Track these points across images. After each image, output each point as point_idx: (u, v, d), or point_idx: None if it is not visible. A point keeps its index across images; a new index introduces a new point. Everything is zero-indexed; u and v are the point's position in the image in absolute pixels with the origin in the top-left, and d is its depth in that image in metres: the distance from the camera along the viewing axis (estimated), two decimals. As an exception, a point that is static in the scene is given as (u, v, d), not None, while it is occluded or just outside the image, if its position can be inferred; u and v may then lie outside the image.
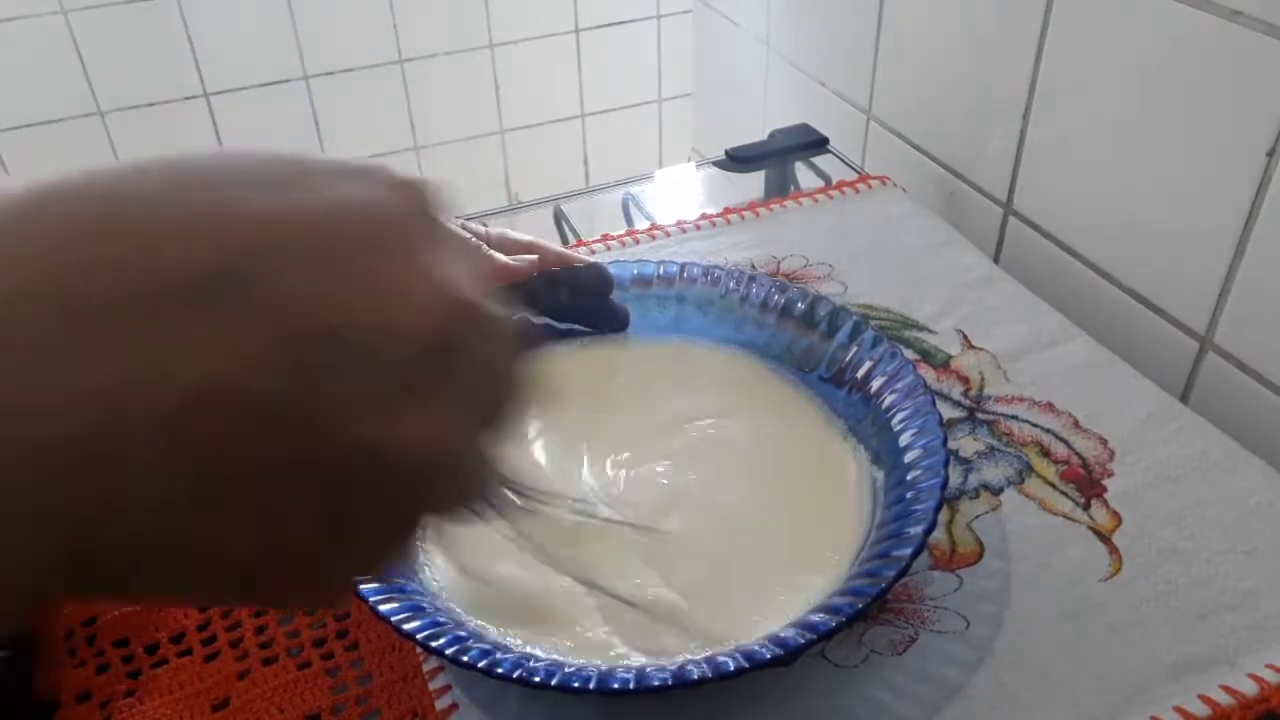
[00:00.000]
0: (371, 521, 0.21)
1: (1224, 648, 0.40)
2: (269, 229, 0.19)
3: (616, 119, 1.27)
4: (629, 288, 0.55)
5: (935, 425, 0.44)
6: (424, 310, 0.20)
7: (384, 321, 0.20)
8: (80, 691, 0.42)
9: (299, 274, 0.19)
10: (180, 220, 0.19)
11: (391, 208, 0.21)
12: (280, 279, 0.19)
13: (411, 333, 0.20)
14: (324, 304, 0.19)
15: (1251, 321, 0.55)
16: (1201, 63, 0.54)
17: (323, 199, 0.20)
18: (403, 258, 0.21)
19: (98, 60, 1.02)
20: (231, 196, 0.19)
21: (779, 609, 0.40)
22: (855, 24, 0.84)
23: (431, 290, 0.21)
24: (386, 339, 0.20)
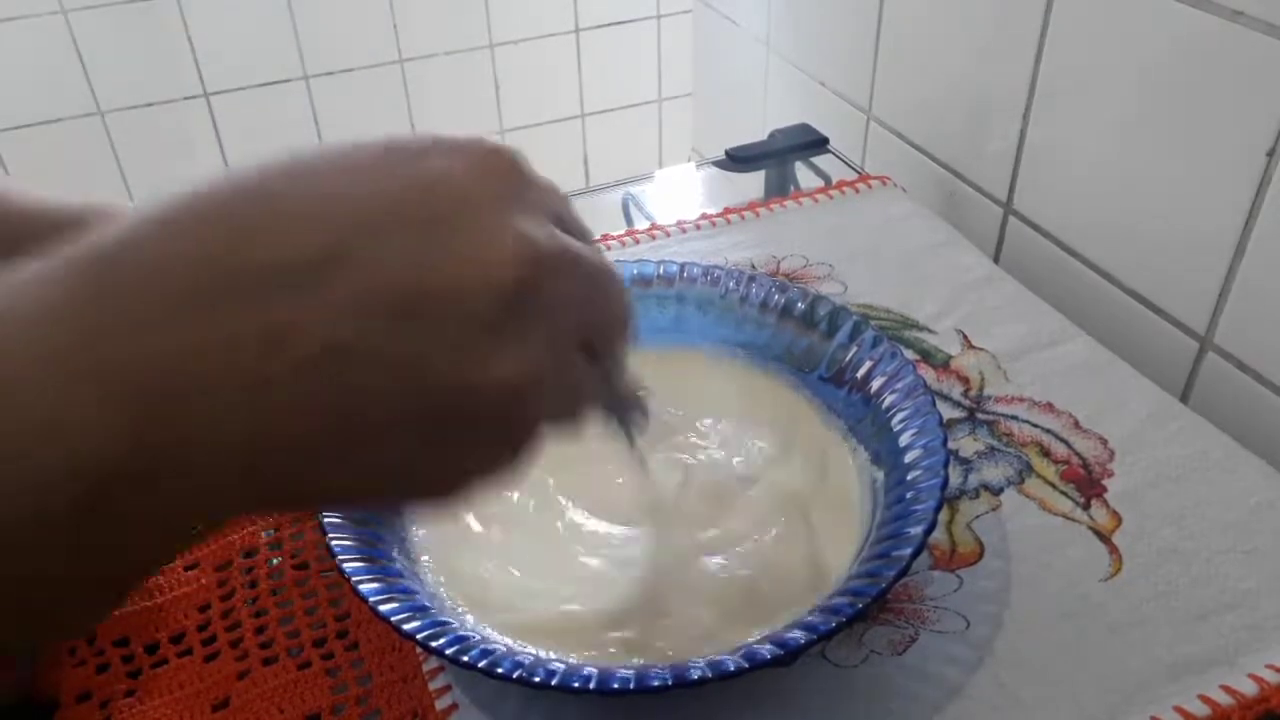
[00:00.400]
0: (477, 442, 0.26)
1: (1224, 648, 0.40)
2: (367, 210, 0.23)
3: (616, 119, 1.27)
4: (629, 288, 0.55)
5: (935, 425, 0.44)
6: (501, 264, 0.24)
7: (463, 278, 0.23)
8: (80, 691, 0.42)
9: (390, 246, 0.23)
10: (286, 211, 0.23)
11: (471, 176, 0.24)
12: (374, 253, 0.23)
13: (491, 284, 0.23)
14: (407, 270, 0.23)
15: (1251, 321, 0.55)
16: (1201, 63, 0.54)
17: (414, 176, 0.24)
18: (478, 220, 0.24)
19: (98, 60, 1.02)
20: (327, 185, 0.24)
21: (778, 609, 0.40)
22: (855, 24, 0.84)
23: (504, 247, 0.24)
24: (466, 294, 0.23)
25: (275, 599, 0.45)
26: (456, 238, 0.23)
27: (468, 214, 0.24)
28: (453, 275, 0.23)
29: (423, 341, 0.23)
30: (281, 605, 0.45)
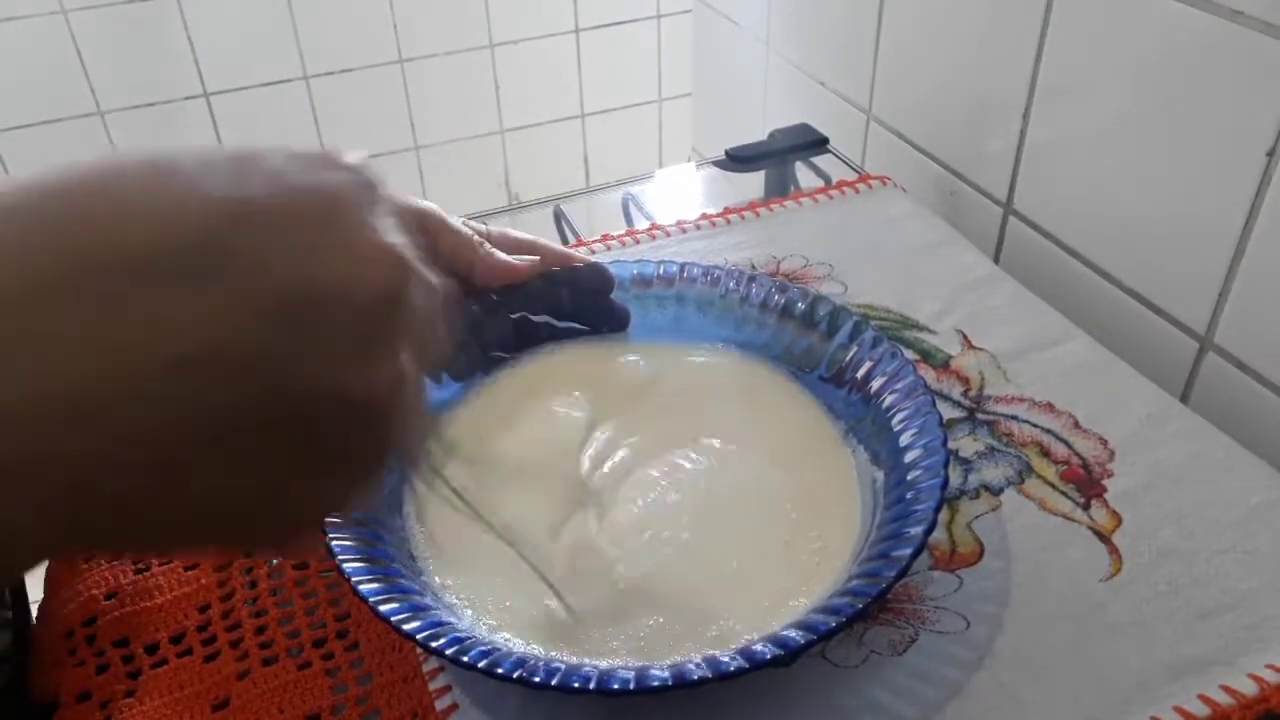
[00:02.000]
0: (341, 460, 0.24)
1: (1224, 648, 0.40)
2: (236, 209, 0.22)
3: (616, 119, 1.27)
4: (629, 288, 0.55)
5: (935, 425, 0.44)
6: (376, 270, 0.24)
7: (343, 282, 0.23)
8: (80, 691, 0.42)
9: (266, 246, 0.22)
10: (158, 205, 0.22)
11: (340, 185, 0.24)
12: (249, 252, 0.22)
13: (368, 290, 0.23)
14: (289, 271, 0.22)
15: (1251, 321, 0.55)
16: (1201, 63, 0.54)
17: (281, 181, 0.23)
18: (354, 227, 0.24)
19: (98, 60, 1.02)
20: (202, 183, 0.22)
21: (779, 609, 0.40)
22: (855, 24, 0.84)
23: (381, 252, 0.24)
24: (346, 297, 0.23)
25: (275, 599, 0.45)
26: (335, 241, 0.23)
27: (345, 220, 0.24)
28: (333, 277, 0.23)
29: (302, 344, 0.22)
30: (281, 605, 0.45)
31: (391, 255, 0.24)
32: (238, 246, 0.21)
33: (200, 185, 0.22)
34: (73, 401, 0.20)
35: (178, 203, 0.22)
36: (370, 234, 0.24)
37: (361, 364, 0.23)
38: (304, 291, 0.22)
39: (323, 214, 0.23)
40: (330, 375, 0.23)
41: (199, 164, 0.23)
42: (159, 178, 0.22)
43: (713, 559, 0.43)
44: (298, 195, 0.23)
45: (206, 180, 0.22)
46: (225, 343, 0.21)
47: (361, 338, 0.23)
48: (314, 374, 0.22)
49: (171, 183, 0.22)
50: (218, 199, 0.22)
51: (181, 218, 0.21)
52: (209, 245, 0.21)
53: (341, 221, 0.23)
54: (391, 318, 0.24)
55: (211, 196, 0.22)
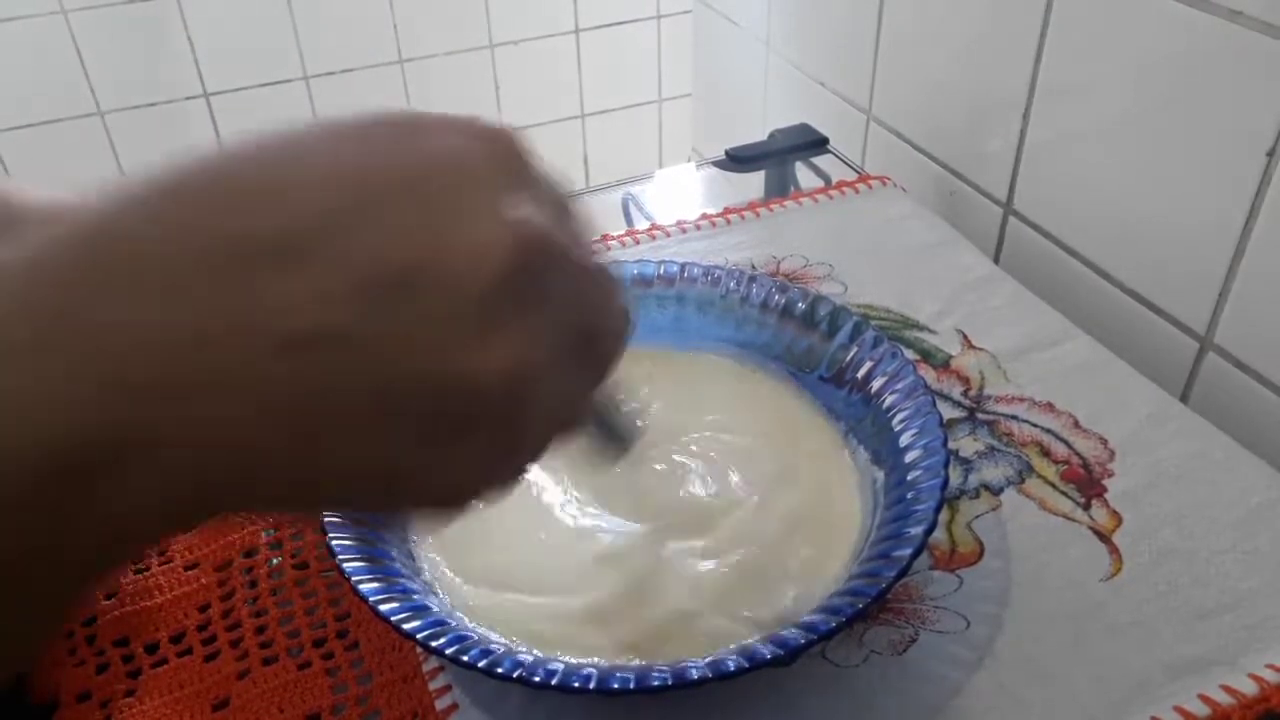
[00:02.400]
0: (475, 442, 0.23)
1: (1224, 648, 0.40)
2: (352, 185, 0.22)
3: (616, 119, 1.27)
4: (629, 288, 0.55)
5: (935, 425, 0.44)
6: (495, 246, 0.22)
7: (454, 259, 0.22)
8: (80, 691, 0.42)
9: (379, 226, 0.21)
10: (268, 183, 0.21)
11: (473, 155, 0.23)
12: (362, 232, 0.21)
13: (487, 265, 0.22)
14: (400, 248, 0.21)
15: (1251, 321, 0.55)
16: (1201, 63, 0.54)
17: (402, 154, 0.22)
18: (478, 199, 0.22)
19: (98, 60, 1.02)
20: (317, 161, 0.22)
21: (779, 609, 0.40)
22: (855, 24, 0.84)
23: (503, 226, 0.22)
24: (458, 275, 0.22)
25: (275, 599, 0.45)
26: (455, 216, 0.22)
27: (467, 192, 0.22)
28: (449, 254, 0.22)
29: (408, 328, 0.21)
30: (281, 605, 0.45)
31: (515, 224, 0.22)
32: (346, 223, 0.21)
33: (318, 160, 0.22)
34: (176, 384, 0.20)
35: (289, 179, 0.21)
36: (496, 208, 0.22)
37: (475, 345, 0.22)
38: (410, 269, 0.21)
39: (444, 186, 0.22)
40: (433, 357, 0.22)
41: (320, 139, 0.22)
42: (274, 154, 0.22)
43: (713, 558, 0.43)
44: (420, 165, 0.22)
45: (327, 154, 0.22)
46: (329, 323, 0.21)
47: (474, 318, 0.22)
48: (423, 354, 0.21)
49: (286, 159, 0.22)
50: (333, 174, 0.22)
51: (291, 195, 0.21)
52: (316, 223, 0.21)
53: (464, 194, 0.22)
54: (512, 297, 0.22)
55: (327, 171, 0.22)
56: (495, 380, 0.22)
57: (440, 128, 0.23)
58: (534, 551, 0.44)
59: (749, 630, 0.40)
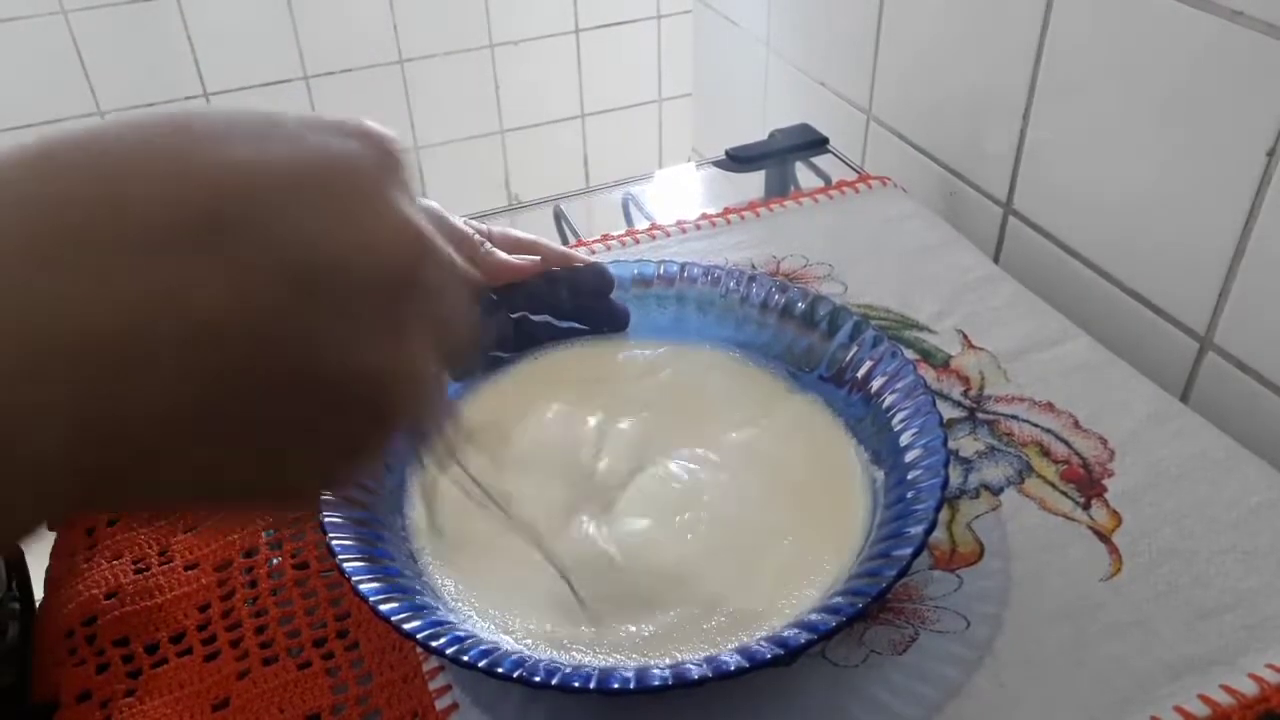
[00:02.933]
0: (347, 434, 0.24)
1: (1224, 648, 0.40)
2: (256, 175, 0.22)
3: (616, 119, 1.27)
4: (629, 288, 0.55)
5: (935, 425, 0.44)
6: (394, 244, 0.23)
7: (359, 254, 0.22)
8: (80, 691, 0.42)
9: (284, 215, 0.21)
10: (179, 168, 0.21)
11: (363, 155, 0.23)
12: (272, 221, 0.21)
13: (384, 264, 0.23)
14: (306, 241, 0.21)
15: (1251, 321, 0.55)
16: (1201, 63, 0.54)
17: (302, 148, 0.23)
18: (374, 199, 0.23)
19: (98, 60, 1.02)
20: (223, 148, 0.22)
21: (779, 609, 0.40)
22: (855, 24, 0.84)
23: (400, 227, 0.23)
24: (361, 270, 0.22)
25: (275, 599, 0.45)
26: (353, 214, 0.22)
27: (365, 191, 0.23)
28: (349, 249, 0.22)
29: (311, 315, 0.22)
30: (281, 605, 0.45)
31: (410, 231, 0.23)
32: (256, 215, 0.21)
33: (222, 148, 0.22)
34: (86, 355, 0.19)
35: (198, 166, 0.21)
36: (390, 208, 0.23)
37: (370, 339, 0.23)
38: (319, 262, 0.22)
39: (343, 184, 0.23)
40: (337, 347, 0.22)
41: (222, 125, 0.22)
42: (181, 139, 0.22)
43: (713, 558, 0.43)
44: (319, 163, 0.23)
45: (228, 143, 0.22)
46: (238, 310, 0.21)
47: (373, 312, 0.23)
48: (321, 345, 0.22)
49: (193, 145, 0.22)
50: (239, 163, 0.22)
51: (201, 182, 0.21)
52: (227, 212, 0.21)
53: (361, 193, 0.23)
54: (406, 294, 0.23)
55: (233, 161, 0.22)
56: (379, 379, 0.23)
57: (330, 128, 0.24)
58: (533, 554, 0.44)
59: (749, 630, 0.40)
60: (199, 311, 0.20)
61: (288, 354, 0.22)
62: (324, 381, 0.22)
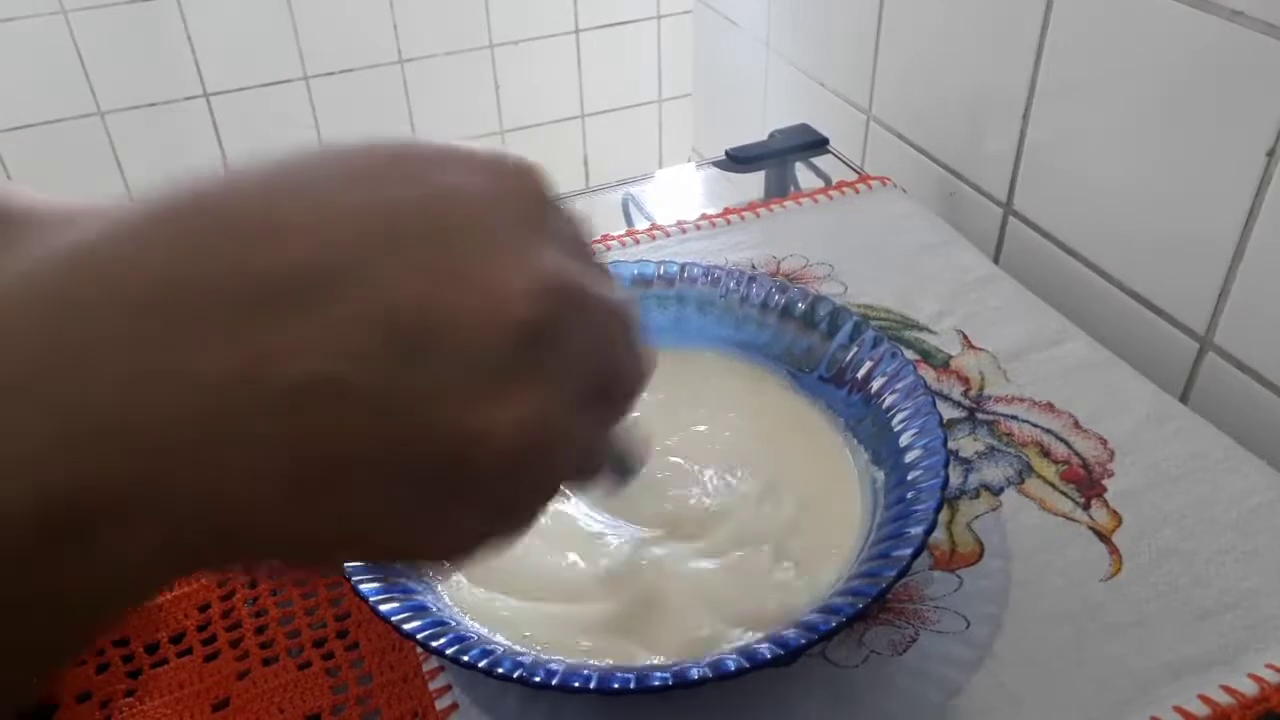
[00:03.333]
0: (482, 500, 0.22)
1: (1224, 648, 0.40)
2: (372, 224, 0.20)
3: (616, 119, 1.27)
4: (629, 288, 0.55)
5: (935, 425, 0.44)
6: (517, 297, 0.21)
7: (476, 313, 0.20)
8: (80, 691, 0.42)
9: (395, 268, 0.20)
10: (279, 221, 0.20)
11: (495, 196, 0.21)
12: (376, 274, 0.19)
13: (504, 322, 0.20)
14: (418, 297, 0.20)
15: (1251, 321, 0.55)
16: (1201, 63, 0.54)
17: (421, 191, 0.21)
18: (501, 246, 0.21)
19: (98, 60, 1.02)
20: (329, 194, 0.20)
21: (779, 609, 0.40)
22: (855, 24, 0.84)
23: (526, 279, 0.21)
24: (479, 330, 0.20)
25: (275, 599, 0.45)
26: (470, 264, 0.20)
27: (483, 238, 0.21)
28: (462, 307, 0.20)
29: (426, 379, 0.20)
30: (281, 605, 0.45)
31: (538, 274, 0.21)
32: (362, 268, 0.19)
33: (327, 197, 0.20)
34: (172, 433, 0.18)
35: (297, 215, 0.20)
36: (520, 254, 0.21)
37: (480, 401, 0.20)
38: (425, 319, 0.20)
39: (465, 229, 0.21)
40: (441, 412, 0.20)
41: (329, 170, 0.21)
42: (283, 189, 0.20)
43: (713, 558, 0.43)
44: (439, 206, 0.21)
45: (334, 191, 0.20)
46: (335, 372, 0.19)
47: (492, 375, 0.20)
48: (437, 412, 0.20)
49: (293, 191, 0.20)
50: (342, 213, 0.20)
51: (299, 234, 0.19)
52: (325, 266, 0.19)
53: (487, 238, 0.21)
54: (531, 353, 0.21)
55: (336, 210, 0.20)
56: (512, 439, 0.21)
57: (460, 163, 0.22)
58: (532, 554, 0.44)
59: (749, 631, 0.40)
60: (289, 375, 0.19)
61: (386, 420, 0.20)
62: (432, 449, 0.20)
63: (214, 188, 0.20)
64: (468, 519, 0.22)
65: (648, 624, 0.40)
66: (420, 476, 0.21)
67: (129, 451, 0.18)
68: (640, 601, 0.41)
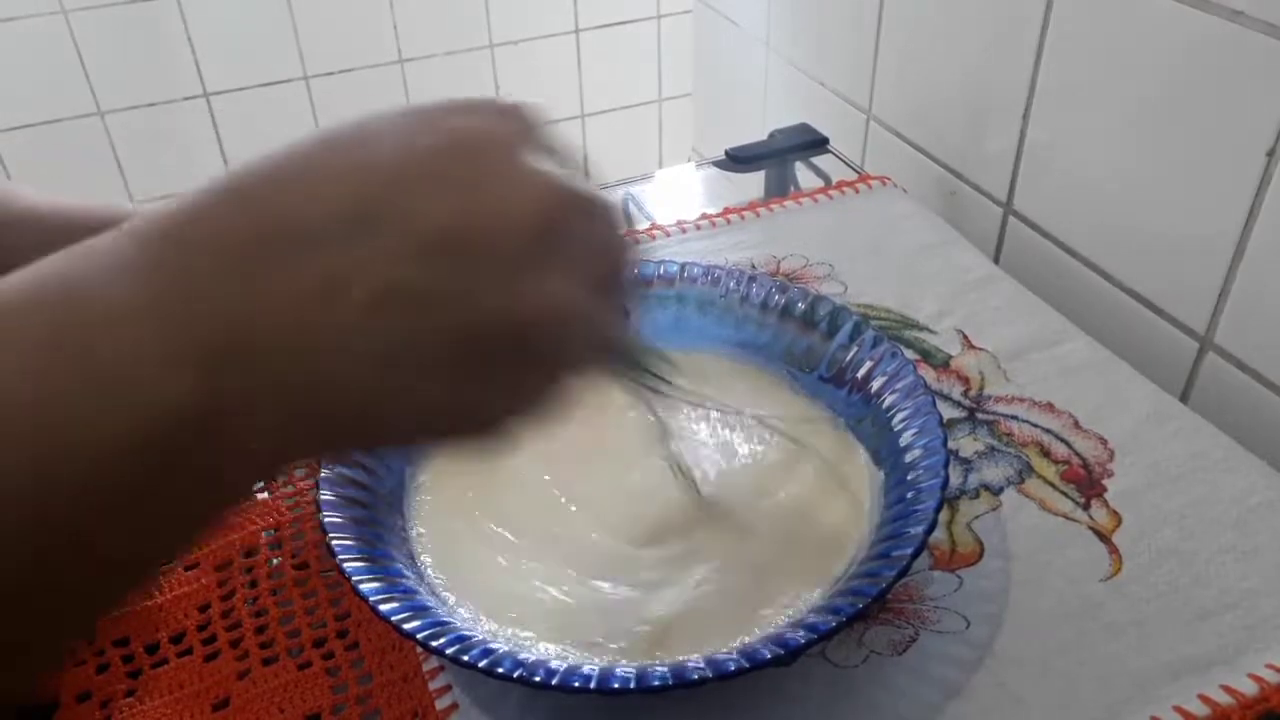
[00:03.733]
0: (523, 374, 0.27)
1: (1224, 648, 0.40)
2: (401, 167, 0.25)
3: (616, 119, 1.27)
4: (629, 288, 0.55)
5: (935, 425, 0.44)
6: (527, 203, 0.26)
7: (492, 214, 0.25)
8: (80, 691, 0.42)
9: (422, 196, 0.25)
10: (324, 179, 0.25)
11: (495, 128, 0.27)
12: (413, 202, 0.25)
13: (522, 222, 0.25)
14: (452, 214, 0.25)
15: (1251, 321, 0.55)
16: (1201, 63, 0.54)
17: (434, 135, 0.26)
18: (508, 164, 0.26)
19: (98, 60, 1.02)
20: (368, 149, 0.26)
21: (779, 609, 0.40)
22: (855, 24, 0.84)
23: (529, 182, 0.26)
24: (501, 231, 0.25)
25: (275, 599, 0.45)
26: (485, 184, 0.26)
27: (494, 161, 0.26)
28: (487, 217, 0.25)
29: (470, 278, 0.25)
30: (281, 605, 0.45)
31: (540, 184, 0.26)
32: (396, 202, 0.25)
33: (363, 153, 0.26)
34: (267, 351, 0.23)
35: (345, 171, 0.25)
36: (520, 170, 0.26)
37: (517, 288, 0.25)
38: (457, 228, 0.25)
39: (474, 154, 0.26)
40: (489, 301, 0.25)
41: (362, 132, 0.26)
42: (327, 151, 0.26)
43: (714, 558, 0.43)
44: (452, 142, 0.26)
45: (369, 147, 0.26)
46: (396, 282, 0.24)
47: (516, 264, 0.25)
48: (475, 301, 0.25)
49: (339, 154, 0.26)
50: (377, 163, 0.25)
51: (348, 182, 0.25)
52: (368, 206, 0.24)
53: (492, 158, 0.26)
54: (546, 246, 0.26)
55: (372, 162, 0.25)
56: (542, 322, 0.26)
57: (461, 110, 0.27)
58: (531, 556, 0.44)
59: (749, 630, 0.40)
60: (356, 290, 0.24)
61: (449, 313, 0.25)
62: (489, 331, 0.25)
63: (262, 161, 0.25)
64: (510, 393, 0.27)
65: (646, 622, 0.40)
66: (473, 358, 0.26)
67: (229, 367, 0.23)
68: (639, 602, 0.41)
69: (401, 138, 0.26)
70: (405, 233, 0.24)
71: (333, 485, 0.43)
